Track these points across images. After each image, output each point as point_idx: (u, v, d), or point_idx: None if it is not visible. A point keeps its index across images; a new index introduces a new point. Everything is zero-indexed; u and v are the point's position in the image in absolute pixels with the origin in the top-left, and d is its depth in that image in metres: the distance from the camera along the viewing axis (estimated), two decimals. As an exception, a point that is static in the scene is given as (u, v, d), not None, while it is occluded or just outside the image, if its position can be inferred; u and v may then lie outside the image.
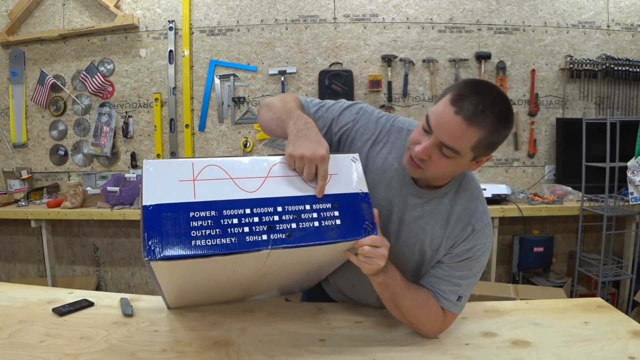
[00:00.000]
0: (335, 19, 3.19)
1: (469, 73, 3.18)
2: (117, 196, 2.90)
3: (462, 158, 0.94)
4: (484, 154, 0.96)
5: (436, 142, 0.92)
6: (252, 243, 0.83)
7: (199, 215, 0.81)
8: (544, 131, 3.22)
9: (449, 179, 1.05)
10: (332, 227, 0.91)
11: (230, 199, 0.84)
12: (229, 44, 3.23)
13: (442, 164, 0.95)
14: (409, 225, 1.08)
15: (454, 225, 1.05)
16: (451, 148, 0.91)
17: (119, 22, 3.17)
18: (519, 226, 2.98)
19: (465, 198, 1.06)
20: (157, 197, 0.80)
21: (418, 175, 1.02)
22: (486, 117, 0.89)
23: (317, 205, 0.91)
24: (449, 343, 1.01)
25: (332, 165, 0.94)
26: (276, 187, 0.89)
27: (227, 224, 0.82)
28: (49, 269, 2.99)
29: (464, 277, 1.05)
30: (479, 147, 0.92)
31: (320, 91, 3.17)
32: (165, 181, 0.81)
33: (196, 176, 0.83)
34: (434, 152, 0.93)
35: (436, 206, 1.06)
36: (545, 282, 2.90)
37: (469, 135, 0.89)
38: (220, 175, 0.85)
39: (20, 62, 3.35)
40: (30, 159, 3.45)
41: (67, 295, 1.32)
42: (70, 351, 0.99)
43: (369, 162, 1.10)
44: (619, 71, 3.09)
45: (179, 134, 3.31)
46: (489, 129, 0.90)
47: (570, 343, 0.99)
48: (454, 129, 0.89)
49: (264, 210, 0.86)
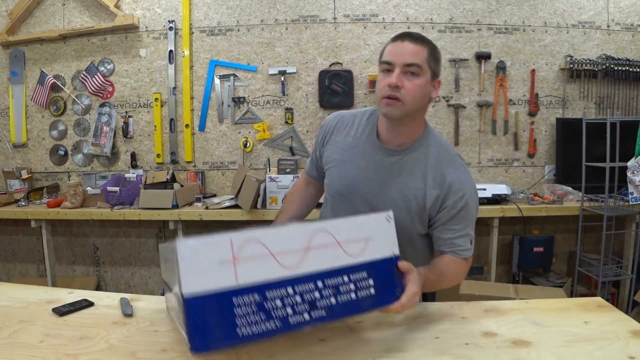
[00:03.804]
0: (335, 19, 3.19)
1: (469, 73, 3.18)
2: (117, 196, 2.90)
3: (425, 73, 1.12)
4: (436, 69, 1.16)
5: (401, 68, 1.10)
6: (295, 325, 0.83)
7: (242, 301, 0.77)
8: (544, 131, 3.23)
9: (419, 116, 1.19)
10: (367, 297, 0.92)
11: (273, 279, 0.81)
12: (229, 44, 3.23)
13: (414, 86, 1.11)
14: (391, 184, 1.20)
15: (432, 175, 1.18)
16: (414, 64, 1.10)
17: (119, 22, 3.17)
18: (519, 226, 2.99)
19: (436, 148, 1.21)
20: (197, 285, 0.74)
21: (400, 112, 1.13)
22: (421, 36, 1.14)
23: (354, 276, 0.90)
24: (449, 343, 1.01)
25: (368, 226, 0.94)
26: (316, 259, 0.86)
27: (271, 307, 0.80)
28: (49, 269, 2.99)
29: (469, 225, 1.20)
30: (430, 60, 1.12)
31: (320, 91, 3.17)
32: (203, 265, 0.74)
33: (236, 256, 0.77)
34: (403, 77, 1.10)
35: (411, 160, 1.20)
36: (545, 282, 2.90)
37: (420, 50, 1.11)
38: (260, 251, 0.80)
39: (20, 62, 3.35)
40: (30, 159, 3.45)
41: (67, 295, 1.32)
42: (70, 351, 0.99)
43: (337, 149, 1.29)
44: (619, 71, 3.09)
45: (179, 134, 3.31)
46: (430, 45, 1.14)
47: (570, 343, 0.99)
48: (409, 49, 1.10)
49: (306, 288, 0.84)
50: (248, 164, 3.28)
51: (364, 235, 0.93)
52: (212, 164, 3.33)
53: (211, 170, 3.34)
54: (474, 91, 3.20)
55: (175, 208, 2.84)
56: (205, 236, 0.76)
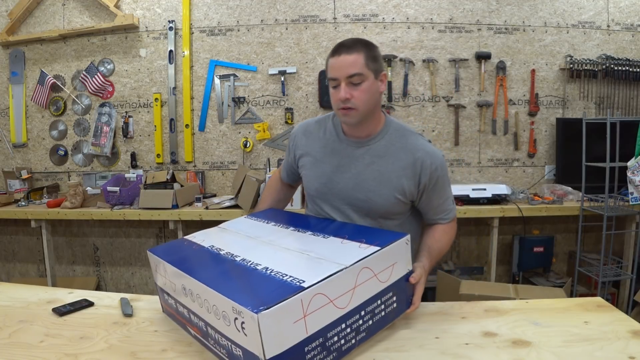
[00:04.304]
0: (335, 19, 3.19)
1: (469, 73, 3.18)
2: (117, 196, 2.90)
3: (368, 77, 1.20)
4: (377, 67, 1.23)
5: (345, 81, 1.19)
6: (345, 351, 0.94)
7: (311, 347, 0.85)
8: (544, 131, 3.22)
9: (375, 111, 1.28)
10: (392, 311, 1.05)
11: (332, 321, 0.89)
12: (229, 44, 3.23)
13: (361, 93, 1.20)
14: (365, 172, 1.29)
15: (403, 157, 1.28)
16: (355, 73, 1.18)
17: (119, 22, 3.17)
18: (519, 226, 2.99)
19: (399, 132, 1.32)
20: (278, 346, 0.80)
21: (356, 118, 1.24)
22: (354, 43, 1.21)
23: (384, 298, 1.02)
24: (449, 343, 1.01)
25: (394, 253, 1.04)
26: (360, 294, 0.95)
27: (330, 343, 0.89)
28: (49, 269, 2.99)
29: (447, 188, 1.34)
30: (369, 62, 1.20)
31: (320, 91, 3.17)
32: (281, 329, 0.80)
33: (305, 312, 0.84)
34: (350, 88, 1.20)
35: (379, 148, 1.30)
36: (545, 282, 2.90)
37: (357, 57, 1.19)
38: (323, 301, 0.87)
39: (20, 62, 3.35)
40: (30, 159, 3.45)
41: (67, 295, 1.32)
42: (70, 351, 0.99)
43: (309, 153, 1.40)
44: (619, 71, 3.09)
45: (179, 134, 3.31)
46: (363, 48, 1.20)
47: (570, 343, 0.99)
48: (346, 61, 1.19)
49: (354, 319, 0.94)
50: (248, 164, 3.28)
51: (391, 262, 1.03)
52: (212, 164, 3.33)
53: (211, 170, 3.34)
54: (474, 91, 3.20)
55: (175, 208, 2.84)
56: (276, 297, 0.80)
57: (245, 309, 0.79)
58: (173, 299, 1.08)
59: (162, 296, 1.16)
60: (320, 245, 1.07)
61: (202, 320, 0.96)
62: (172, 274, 1.05)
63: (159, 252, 1.14)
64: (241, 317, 0.81)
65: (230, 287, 0.89)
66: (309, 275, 0.88)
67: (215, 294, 0.87)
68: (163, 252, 1.14)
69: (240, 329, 0.82)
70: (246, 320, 0.80)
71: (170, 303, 1.11)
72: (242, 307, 0.79)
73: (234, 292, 0.85)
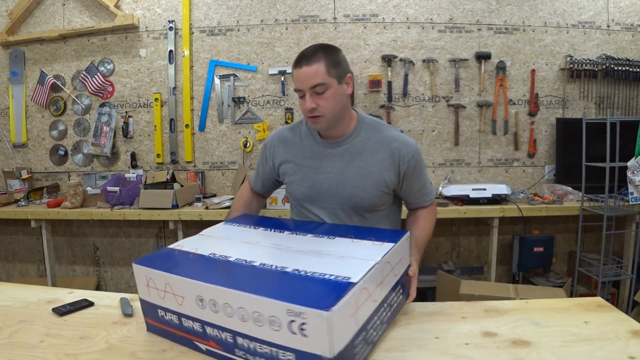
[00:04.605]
0: (335, 19, 3.19)
1: (469, 73, 3.18)
2: (117, 196, 2.90)
3: (331, 84, 1.25)
4: (340, 72, 1.27)
5: (309, 91, 1.24)
6: (375, 342, 0.99)
7: (358, 341, 0.89)
8: (544, 131, 3.23)
9: (345, 113, 1.34)
10: (399, 303, 1.11)
11: (370, 314, 0.93)
12: (229, 44, 3.23)
13: (326, 100, 1.25)
14: (347, 169, 1.34)
15: (380, 149, 1.33)
16: (318, 84, 1.23)
17: (119, 22, 3.17)
18: (519, 226, 2.99)
19: (373, 127, 1.38)
20: (340, 343, 0.82)
21: (325, 124, 1.30)
22: (314, 53, 1.24)
23: (396, 290, 1.08)
24: (449, 343, 1.01)
25: (401, 249, 1.10)
26: (384, 287, 1.01)
27: (368, 336, 0.94)
28: (49, 269, 2.99)
29: (425, 173, 1.42)
30: (330, 69, 1.24)
31: (320, 91, 3.17)
32: (343, 325, 0.82)
33: (357, 307, 0.87)
34: (314, 98, 1.25)
35: (356, 144, 1.35)
36: (545, 282, 2.90)
37: (317, 67, 1.23)
38: (365, 296, 0.91)
39: (20, 62, 3.35)
40: (30, 159, 3.45)
41: (67, 295, 1.32)
42: (70, 351, 0.99)
43: (289, 160, 1.42)
44: (619, 71, 3.09)
45: (179, 134, 3.31)
46: (324, 56, 1.24)
47: (570, 343, 0.99)
48: (307, 73, 1.23)
49: (381, 312, 0.99)
50: (248, 164, 3.28)
51: (400, 257, 1.10)
52: (212, 164, 3.33)
53: (211, 170, 3.34)
54: (474, 91, 3.20)
55: (175, 208, 2.84)
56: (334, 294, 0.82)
57: (309, 309, 0.77)
58: (174, 314, 0.99)
59: (153, 312, 1.04)
60: (335, 246, 1.08)
61: (226, 332, 0.90)
62: (180, 286, 0.95)
63: (151, 264, 1.03)
64: (301, 319, 0.78)
65: (274, 290, 0.86)
66: (349, 272, 0.90)
67: (258, 299, 0.83)
68: (156, 263, 1.03)
69: (298, 331, 0.80)
70: (309, 321, 0.78)
71: (167, 320, 1.01)
72: (305, 308, 0.78)
73: (284, 295, 0.82)
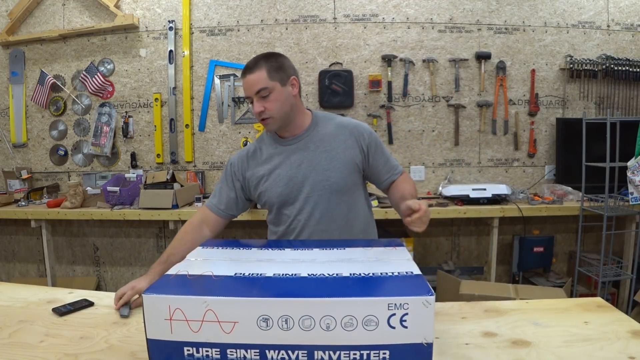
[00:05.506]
0: (335, 19, 3.19)
1: (469, 73, 3.18)
2: (117, 196, 2.90)
3: (274, 88, 1.34)
4: (282, 76, 1.36)
5: (256, 96, 1.34)
6: None
7: None
8: (544, 131, 3.23)
9: (295, 112, 1.42)
10: None
11: None
12: (229, 44, 3.23)
13: (272, 102, 1.34)
14: (315, 157, 1.41)
15: (340, 134, 1.43)
16: (261, 88, 1.33)
17: (119, 22, 3.17)
18: (519, 226, 2.99)
19: (326, 118, 1.49)
20: None
21: (276, 125, 1.39)
22: (255, 63, 1.34)
23: None
24: (449, 343, 1.01)
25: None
26: None
27: None
28: (49, 269, 2.99)
29: (385, 149, 1.53)
30: (271, 74, 1.33)
31: (320, 91, 3.17)
32: None
33: None
34: (261, 102, 1.34)
35: (317, 135, 1.44)
36: (545, 282, 2.90)
37: (259, 74, 1.33)
38: None
39: (20, 62, 3.35)
40: (30, 159, 3.45)
41: (67, 295, 1.32)
42: (70, 351, 0.99)
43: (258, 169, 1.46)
44: (619, 71, 3.09)
45: (179, 134, 3.31)
46: (264, 63, 1.34)
47: (570, 343, 0.99)
48: (251, 80, 1.33)
49: None
50: (248, 164, 3.27)
51: None
52: (212, 164, 3.33)
53: (211, 170, 3.34)
54: (474, 91, 3.20)
55: (175, 208, 2.84)
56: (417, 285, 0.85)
57: (413, 297, 0.79)
58: (215, 348, 0.81)
59: (174, 354, 0.82)
60: (357, 253, 1.10)
61: (299, 350, 0.81)
62: (232, 310, 0.80)
63: (179, 290, 0.84)
64: (402, 310, 0.79)
65: (361, 290, 0.85)
66: (404, 268, 0.94)
67: (354, 301, 0.79)
68: (184, 289, 0.86)
69: (398, 324, 0.79)
70: (411, 310, 0.79)
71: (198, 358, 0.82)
72: (409, 298, 0.78)
73: (379, 292, 0.84)
